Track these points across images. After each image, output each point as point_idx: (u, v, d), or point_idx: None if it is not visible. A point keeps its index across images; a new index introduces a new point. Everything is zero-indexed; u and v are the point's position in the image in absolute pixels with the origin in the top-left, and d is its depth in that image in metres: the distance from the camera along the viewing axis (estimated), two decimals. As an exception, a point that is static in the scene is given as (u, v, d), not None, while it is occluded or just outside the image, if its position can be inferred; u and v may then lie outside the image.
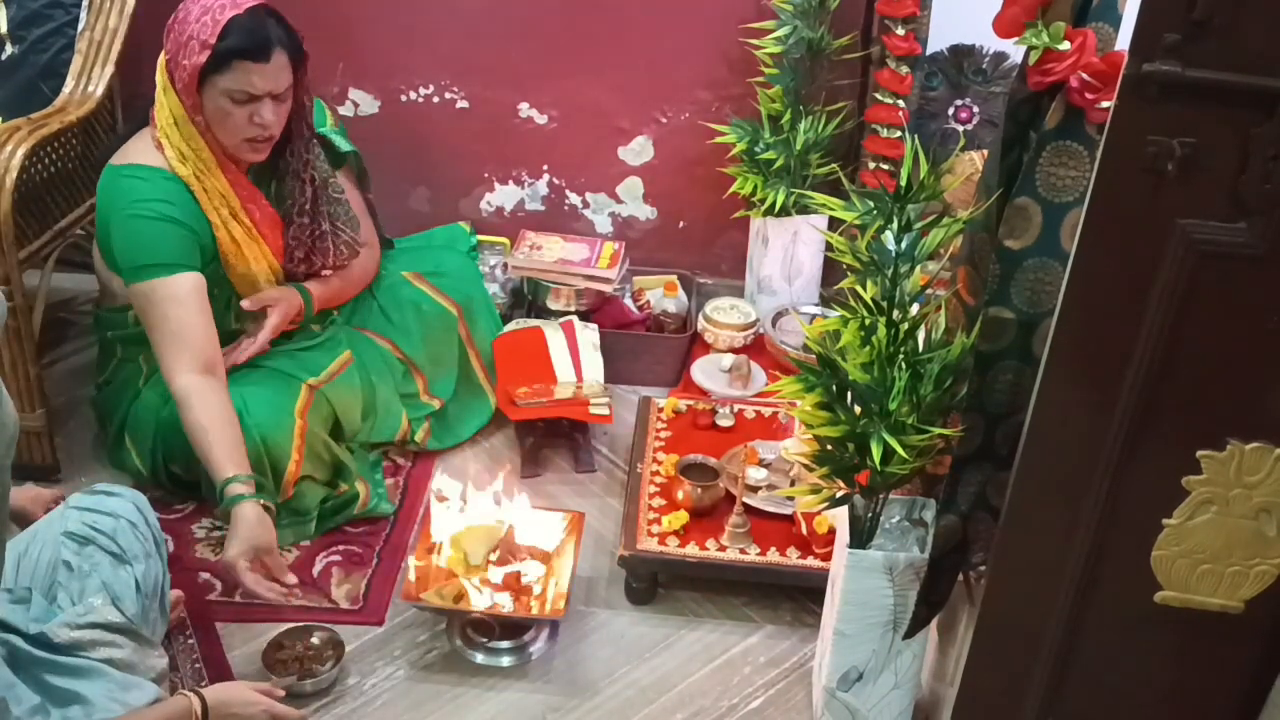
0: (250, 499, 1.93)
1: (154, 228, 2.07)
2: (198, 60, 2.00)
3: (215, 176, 2.12)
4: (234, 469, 1.95)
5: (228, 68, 2.01)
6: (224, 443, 1.98)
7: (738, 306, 2.79)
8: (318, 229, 2.27)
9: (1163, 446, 1.37)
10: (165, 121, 2.09)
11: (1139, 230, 1.27)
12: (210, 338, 2.09)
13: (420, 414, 2.45)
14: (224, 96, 2.03)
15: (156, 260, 2.07)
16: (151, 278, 2.06)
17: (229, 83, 2.02)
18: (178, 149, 2.09)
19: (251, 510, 1.92)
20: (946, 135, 2.74)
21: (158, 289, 2.06)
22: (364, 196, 2.49)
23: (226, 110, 2.05)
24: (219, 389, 2.05)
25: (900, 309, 1.58)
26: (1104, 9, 1.40)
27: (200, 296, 2.09)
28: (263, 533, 1.92)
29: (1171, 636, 1.50)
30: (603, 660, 2.02)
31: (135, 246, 2.08)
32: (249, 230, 2.18)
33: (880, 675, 1.78)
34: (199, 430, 1.99)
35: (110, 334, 2.28)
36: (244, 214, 2.17)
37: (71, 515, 1.74)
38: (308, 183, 2.23)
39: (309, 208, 2.25)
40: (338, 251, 2.32)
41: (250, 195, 2.18)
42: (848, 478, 1.68)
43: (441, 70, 2.82)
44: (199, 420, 2.00)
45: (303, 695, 1.89)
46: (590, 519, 2.23)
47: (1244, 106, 1.20)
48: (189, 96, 2.04)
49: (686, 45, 2.75)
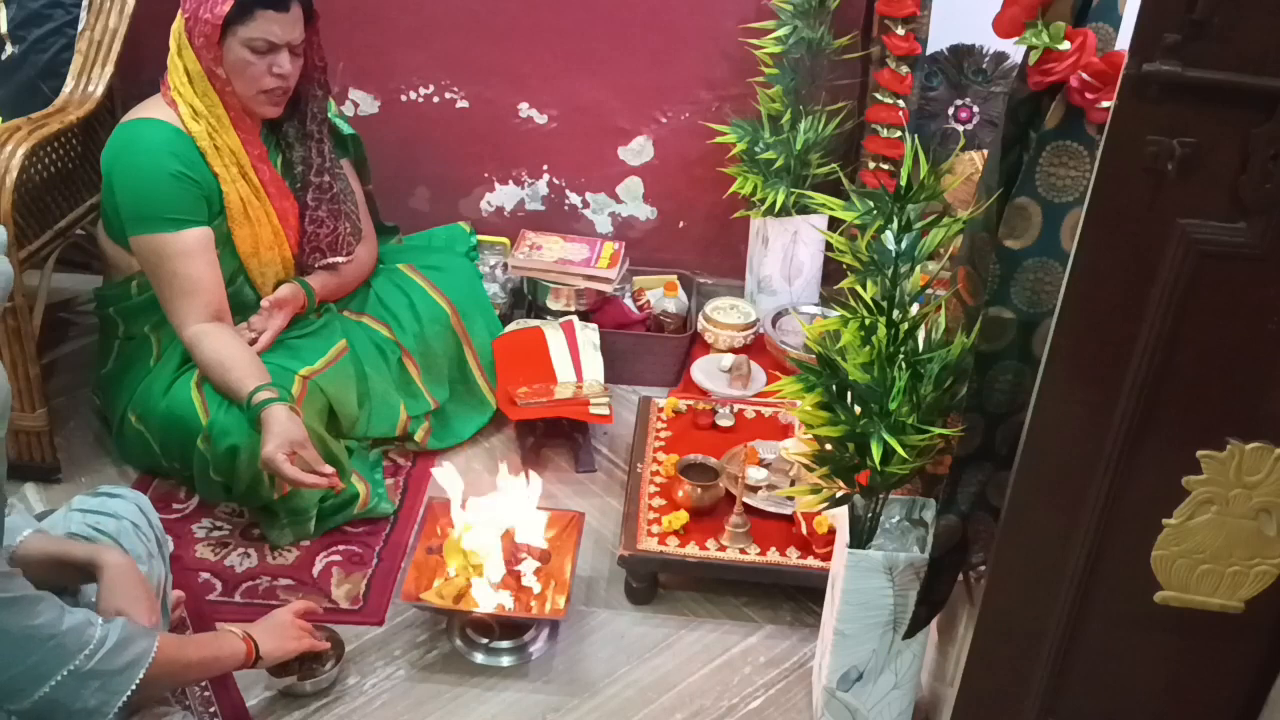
0: (279, 401, 2.02)
1: (161, 180, 2.11)
2: (221, 10, 2.06)
3: (228, 133, 2.17)
4: (255, 381, 2.05)
5: (250, 17, 2.09)
6: (242, 364, 2.08)
7: (738, 306, 2.79)
8: (332, 190, 2.33)
9: (1163, 446, 1.37)
10: (179, 81, 2.14)
11: (1139, 230, 1.27)
12: (219, 289, 2.16)
13: (419, 410, 2.45)
14: (245, 47, 2.10)
15: (164, 214, 2.11)
16: (159, 231, 2.11)
17: (251, 31, 2.09)
18: (190, 105, 2.14)
19: (281, 410, 2.02)
20: (946, 135, 2.74)
21: (166, 244, 2.11)
22: (364, 189, 2.51)
23: (247, 60, 2.11)
24: (229, 329, 2.15)
25: (900, 309, 1.58)
26: (1104, 9, 1.40)
27: (209, 250, 2.15)
28: (294, 428, 2.01)
29: (1171, 636, 1.50)
30: (603, 660, 2.02)
31: (142, 199, 2.12)
32: (257, 190, 2.22)
33: (880, 675, 1.78)
34: (215, 363, 2.09)
35: (113, 309, 2.29)
36: (253, 173, 2.21)
37: (74, 517, 1.74)
38: (324, 141, 2.30)
39: (326, 167, 2.31)
40: (345, 232, 2.36)
41: (261, 155, 2.23)
42: (848, 478, 1.68)
43: (441, 70, 2.82)
44: (214, 353, 2.09)
45: (303, 695, 1.89)
46: (590, 519, 2.23)
47: (1244, 106, 1.20)
48: (210, 50, 2.10)
49: (686, 45, 2.75)
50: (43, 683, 1.40)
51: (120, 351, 2.31)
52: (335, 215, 2.34)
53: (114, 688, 1.45)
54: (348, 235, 2.38)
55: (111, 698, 1.45)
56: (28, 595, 1.40)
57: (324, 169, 2.32)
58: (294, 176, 2.30)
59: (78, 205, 2.46)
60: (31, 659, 1.39)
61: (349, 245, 2.39)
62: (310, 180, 2.30)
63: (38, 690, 1.40)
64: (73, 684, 1.41)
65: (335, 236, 2.35)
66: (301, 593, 2.09)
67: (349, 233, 2.38)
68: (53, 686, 1.40)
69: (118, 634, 1.47)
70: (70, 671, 1.41)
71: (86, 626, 1.45)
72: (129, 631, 1.49)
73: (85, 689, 1.43)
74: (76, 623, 1.43)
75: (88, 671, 1.42)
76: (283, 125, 2.28)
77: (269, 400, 2.02)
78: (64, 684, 1.41)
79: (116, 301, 2.28)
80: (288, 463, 1.96)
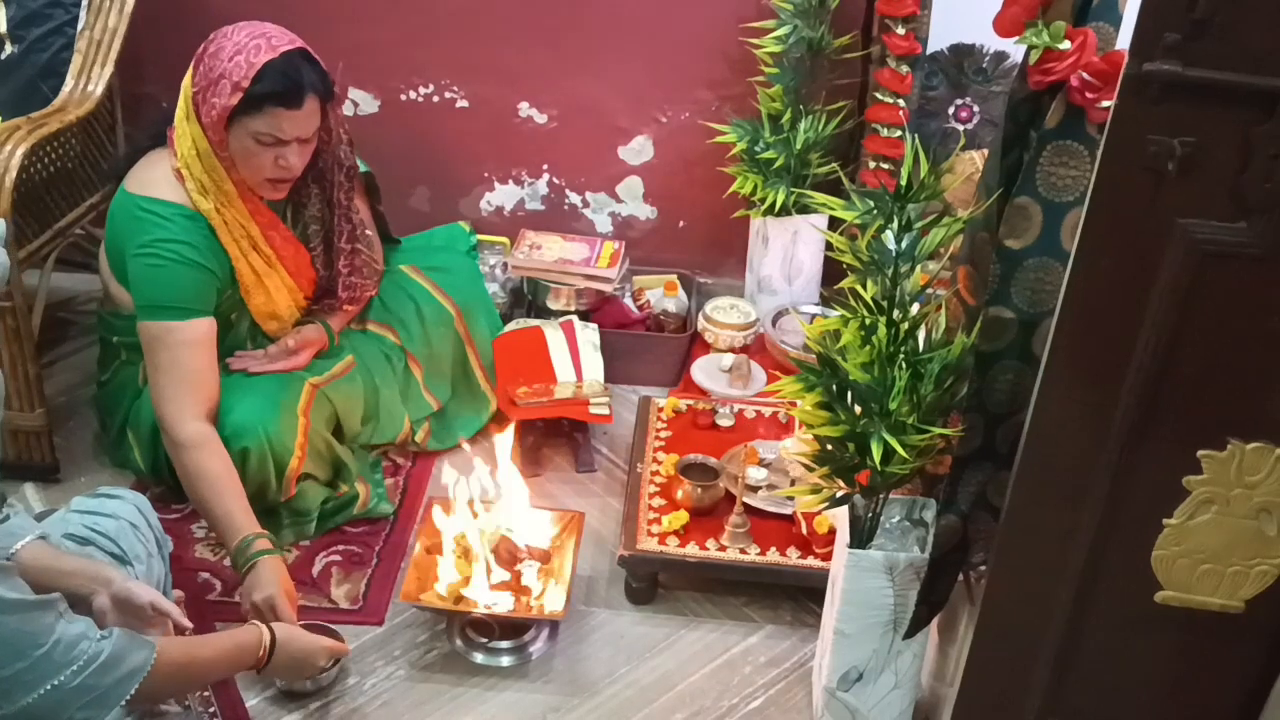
0: (274, 553, 1.96)
1: (174, 271, 2.06)
2: (229, 102, 1.98)
3: (236, 208, 2.11)
4: (252, 525, 1.97)
5: (259, 111, 2.00)
6: (239, 498, 2.00)
7: (738, 306, 2.78)
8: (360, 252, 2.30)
9: (1163, 446, 1.37)
10: (187, 152, 2.07)
11: (1139, 230, 1.27)
12: (216, 385, 2.09)
13: (421, 414, 2.45)
14: (251, 138, 2.02)
15: (174, 304, 2.06)
16: (167, 319, 2.05)
17: (259, 125, 2.01)
18: (199, 181, 2.07)
19: (278, 563, 1.96)
20: (947, 135, 2.74)
21: (173, 332, 2.05)
22: (374, 208, 2.49)
23: (252, 151, 2.04)
24: (222, 449, 2.04)
25: (900, 309, 1.58)
26: (1104, 8, 1.40)
27: (211, 342, 2.10)
28: (286, 582, 1.95)
29: (1172, 636, 1.50)
30: (603, 660, 2.02)
31: (154, 287, 2.06)
32: (269, 260, 2.18)
33: (880, 675, 1.78)
34: (213, 479, 2.00)
35: (115, 339, 2.27)
36: (264, 243, 2.17)
37: (73, 518, 1.74)
38: (351, 208, 2.26)
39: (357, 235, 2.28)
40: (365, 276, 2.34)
41: (270, 222, 2.17)
42: (848, 478, 1.68)
43: (441, 70, 2.82)
44: (213, 468, 2.00)
45: (303, 695, 1.89)
46: (590, 519, 2.23)
47: (1244, 106, 1.20)
48: (215, 133, 2.03)
49: (686, 44, 2.75)
50: (28, 692, 1.37)
51: (116, 371, 2.29)
52: (358, 271, 2.32)
53: (104, 702, 1.43)
54: (367, 281, 2.36)
55: (100, 712, 1.43)
56: (24, 599, 1.38)
57: (354, 237, 2.27)
58: (306, 231, 2.25)
59: (77, 205, 2.46)
60: (18, 665, 1.36)
61: (368, 289, 2.38)
62: (340, 248, 2.26)
63: (24, 698, 1.37)
64: (57, 697, 1.39)
65: (359, 292, 2.34)
66: (302, 593, 2.09)
67: (368, 277, 2.36)
68: (38, 698, 1.38)
69: (110, 648, 1.44)
70: (55, 686, 1.38)
71: (80, 640, 1.41)
72: (123, 646, 1.46)
73: (72, 703, 1.40)
74: (71, 635, 1.41)
75: (75, 687, 1.40)
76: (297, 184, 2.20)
77: (265, 551, 1.95)
78: (49, 697, 1.38)
79: (118, 334, 2.25)
80: (287, 606, 1.90)
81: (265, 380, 2.16)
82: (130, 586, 1.60)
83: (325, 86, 2.08)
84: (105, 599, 1.59)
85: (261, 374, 2.18)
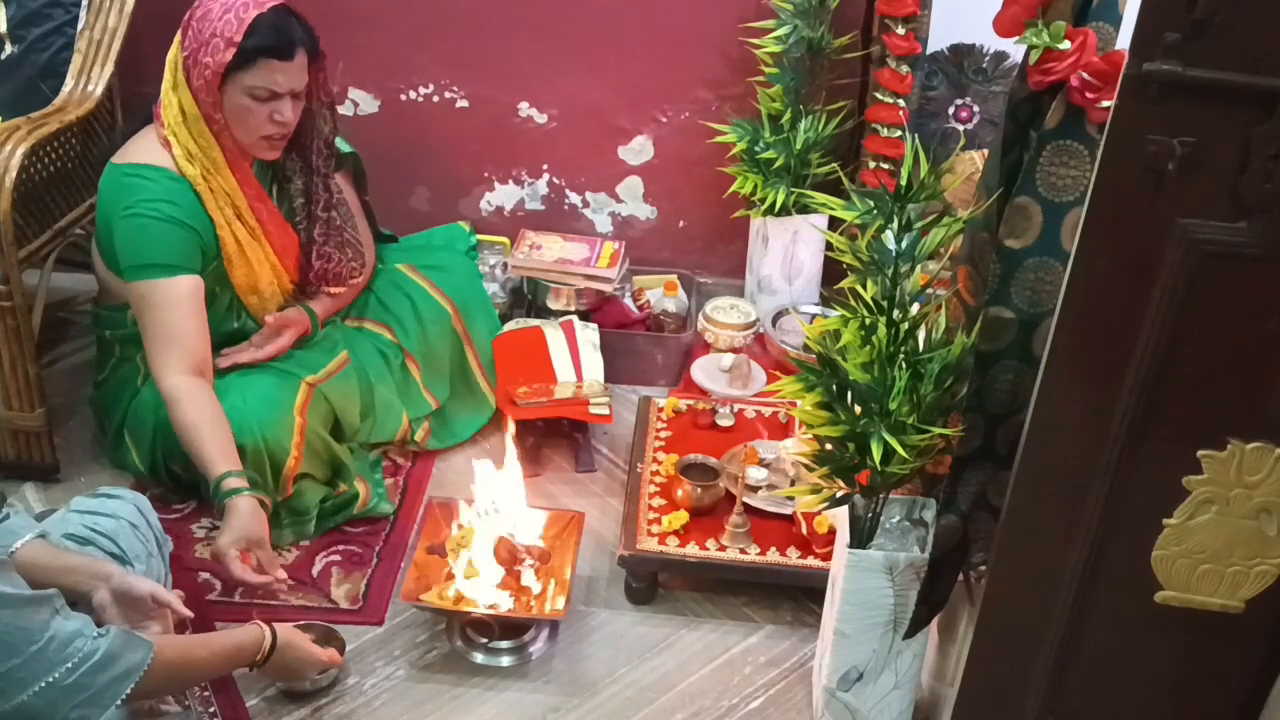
0: (245, 493, 1.95)
1: (156, 228, 2.07)
2: (223, 57, 2.01)
3: (223, 175, 2.13)
4: (226, 465, 1.97)
5: (252, 65, 2.03)
6: (216, 440, 2.00)
7: (738, 306, 2.78)
8: (338, 224, 2.30)
9: (1163, 446, 1.37)
10: (173, 119, 2.09)
11: (1139, 230, 1.27)
12: (203, 341, 2.09)
13: (420, 413, 2.45)
14: (246, 94, 2.05)
15: (157, 260, 2.07)
16: (151, 278, 2.07)
17: (253, 80, 2.04)
18: (185, 147, 2.09)
19: (245, 503, 1.94)
20: (947, 135, 2.74)
21: (157, 289, 2.07)
22: (361, 198, 2.49)
23: (248, 107, 2.06)
24: (208, 390, 2.07)
25: (900, 309, 1.58)
26: (1104, 8, 1.40)
27: (197, 300, 2.10)
28: (255, 525, 1.94)
29: (1172, 636, 1.50)
30: (603, 660, 2.02)
31: (136, 246, 2.08)
32: (253, 230, 2.19)
33: (880, 675, 1.78)
34: (190, 428, 2.01)
35: (109, 333, 2.27)
36: (250, 214, 2.17)
37: (72, 518, 1.74)
38: (330, 176, 2.27)
39: (334, 203, 2.28)
40: (349, 259, 2.34)
41: (258, 194, 2.19)
42: (848, 478, 1.68)
43: (441, 70, 2.82)
44: (190, 418, 2.02)
45: (303, 695, 1.89)
46: (590, 519, 2.23)
47: (1244, 106, 1.20)
48: (209, 94, 2.05)
49: (686, 44, 2.75)
50: (21, 689, 1.37)
51: (114, 370, 2.29)
52: (340, 247, 2.32)
53: (99, 701, 1.42)
54: (350, 262, 2.36)
55: (95, 711, 1.42)
56: (19, 594, 1.37)
57: (331, 204, 2.28)
58: (293, 209, 2.27)
59: (77, 205, 2.46)
60: (12, 661, 1.35)
61: (353, 272, 2.38)
62: (317, 215, 2.27)
63: (17, 695, 1.37)
64: (51, 695, 1.38)
65: (341, 268, 2.34)
66: (302, 593, 2.09)
67: (351, 258, 2.36)
68: (32, 695, 1.37)
69: (106, 646, 1.43)
70: (49, 683, 1.38)
71: (75, 637, 1.41)
72: (119, 644, 1.45)
73: (66, 701, 1.39)
74: (66, 632, 1.40)
75: (68, 685, 1.39)
76: (281, 158, 2.22)
77: (237, 490, 1.94)
78: (43, 694, 1.38)
79: (111, 327, 2.26)
80: (239, 561, 1.89)
81: (261, 380, 2.16)
82: (129, 579, 1.61)
83: (312, 41, 2.11)
84: (105, 594, 1.59)
85: (253, 364, 2.19)
